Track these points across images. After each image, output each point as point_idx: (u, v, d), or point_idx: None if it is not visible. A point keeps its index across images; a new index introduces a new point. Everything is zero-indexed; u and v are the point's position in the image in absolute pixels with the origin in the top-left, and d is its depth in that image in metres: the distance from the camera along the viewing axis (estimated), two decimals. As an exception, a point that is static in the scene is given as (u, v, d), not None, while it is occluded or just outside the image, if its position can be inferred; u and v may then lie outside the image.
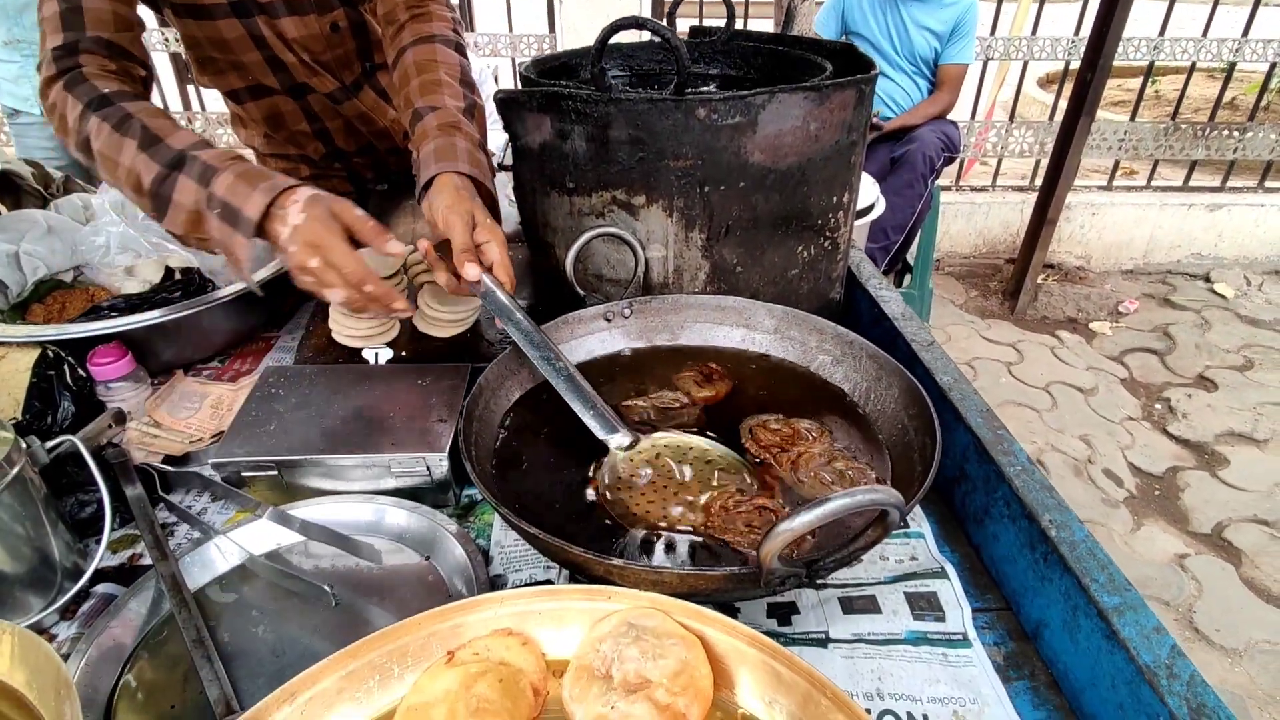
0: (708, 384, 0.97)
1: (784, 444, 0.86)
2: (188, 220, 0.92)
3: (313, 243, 0.84)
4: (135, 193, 0.95)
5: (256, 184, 0.87)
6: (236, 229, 0.87)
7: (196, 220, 0.91)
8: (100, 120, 0.95)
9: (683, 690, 0.55)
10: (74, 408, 0.99)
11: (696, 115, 0.91)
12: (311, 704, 0.56)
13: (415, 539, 0.86)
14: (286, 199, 0.87)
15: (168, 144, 0.93)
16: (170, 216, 0.92)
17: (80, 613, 0.80)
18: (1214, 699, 0.58)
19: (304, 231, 0.84)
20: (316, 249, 0.84)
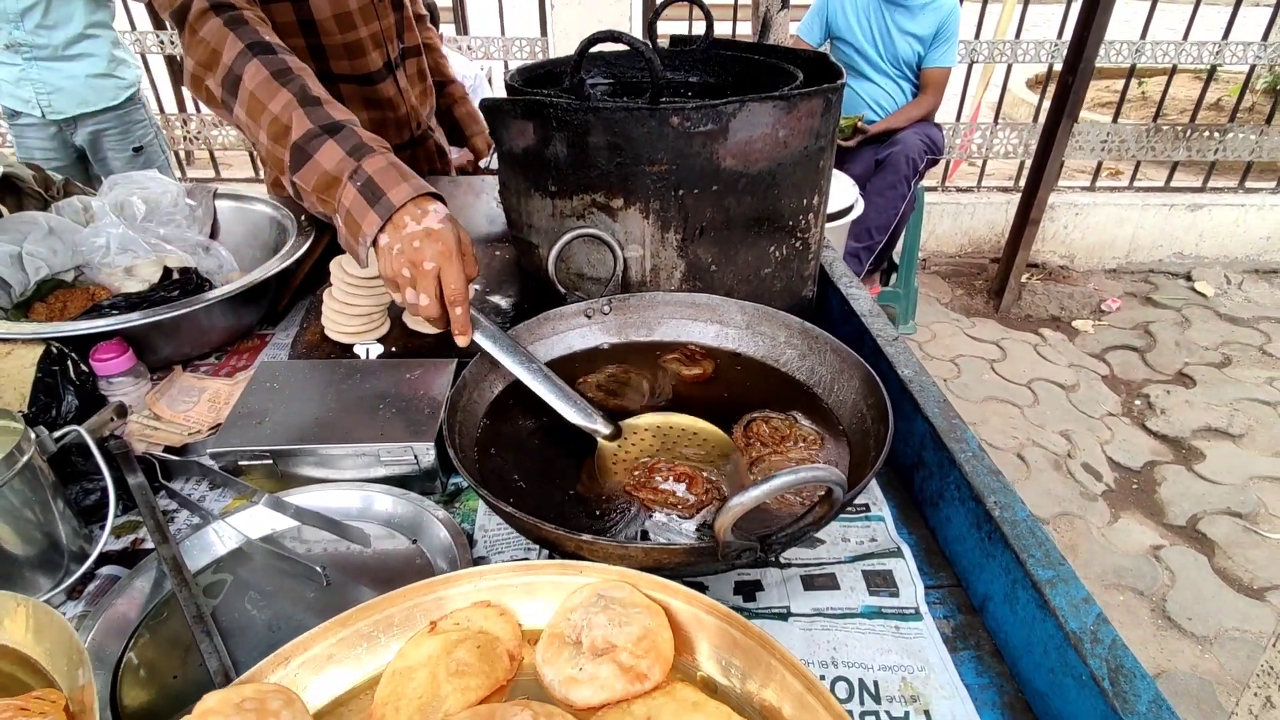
0: (693, 363, 1.04)
1: (774, 443, 0.91)
2: (321, 181, 0.96)
3: (440, 250, 0.90)
4: (273, 140, 1.00)
5: (408, 177, 0.93)
6: (373, 207, 0.92)
7: (329, 185, 0.96)
8: (261, 64, 1.01)
9: (645, 653, 0.61)
10: (77, 402, 1.03)
11: (670, 123, 0.96)
12: (303, 667, 0.61)
13: (403, 524, 0.91)
14: (429, 202, 0.93)
15: (326, 110, 0.99)
16: (305, 171, 0.97)
17: (86, 592, 0.84)
18: (1132, 660, 0.63)
19: (437, 236, 0.90)
20: (439, 257, 0.90)
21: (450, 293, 0.91)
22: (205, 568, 0.86)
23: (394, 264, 0.92)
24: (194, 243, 1.41)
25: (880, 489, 0.98)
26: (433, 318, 0.92)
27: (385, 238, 0.92)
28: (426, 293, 0.91)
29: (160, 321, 1.12)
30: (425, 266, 0.90)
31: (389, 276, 0.93)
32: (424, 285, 0.91)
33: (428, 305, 0.91)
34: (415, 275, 0.91)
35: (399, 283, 0.93)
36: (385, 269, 0.93)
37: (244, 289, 1.19)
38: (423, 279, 0.90)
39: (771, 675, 0.59)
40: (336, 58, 1.46)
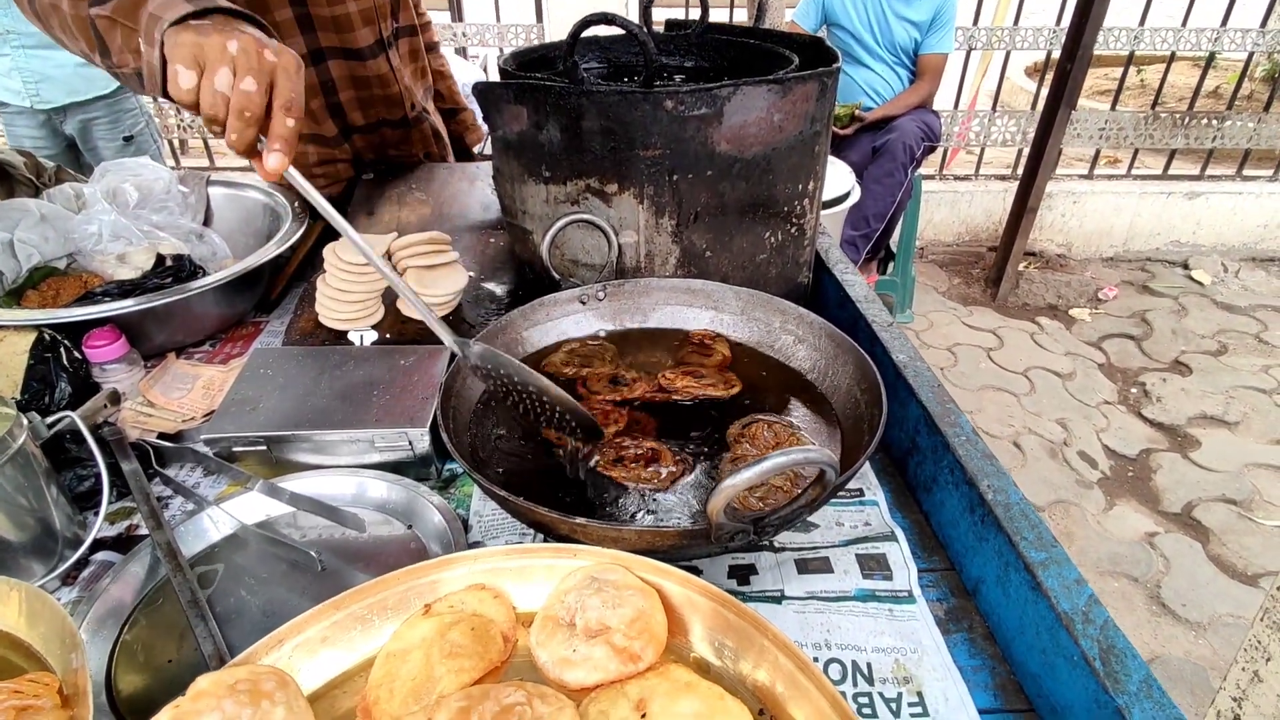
0: (705, 352, 1.03)
1: (767, 449, 0.90)
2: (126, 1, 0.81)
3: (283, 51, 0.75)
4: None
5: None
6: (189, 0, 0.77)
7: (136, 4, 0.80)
8: None
9: (638, 635, 0.61)
10: (70, 388, 1.03)
11: (664, 107, 0.96)
12: (298, 650, 0.61)
13: (398, 509, 0.91)
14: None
15: None
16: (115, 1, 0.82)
17: (80, 578, 0.84)
18: (1123, 641, 0.64)
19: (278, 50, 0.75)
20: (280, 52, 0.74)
21: (286, 95, 0.73)
22: (200, 553, 0.86)
23: (203, 38, 0.72)
24: (187, 230, 1.40)
25: (874, 474, 0.98)
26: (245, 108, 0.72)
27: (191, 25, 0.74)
28: (254, 76, 0.71)
29: (153, 308, 1.12)
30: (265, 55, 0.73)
31: (189, 54, 0.73)
32: (246, 63, 0.72)
33: (252, 93, 0.71)
34: (240, 52, 0.72)
35: (208, 58, 0.72)
36: (186, 41, 0.73)
37: (237, 276, 1.18)
38: (248, 59, 0.72)
39: (764, 656, 0.60)
40: (324, 29, 1.45)
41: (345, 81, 1.54)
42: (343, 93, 1.55)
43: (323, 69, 1.50)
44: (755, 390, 0.98)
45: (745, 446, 0.89)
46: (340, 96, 1.56)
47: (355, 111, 1.59)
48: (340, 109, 1.57)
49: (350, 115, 1.59)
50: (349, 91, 1.56)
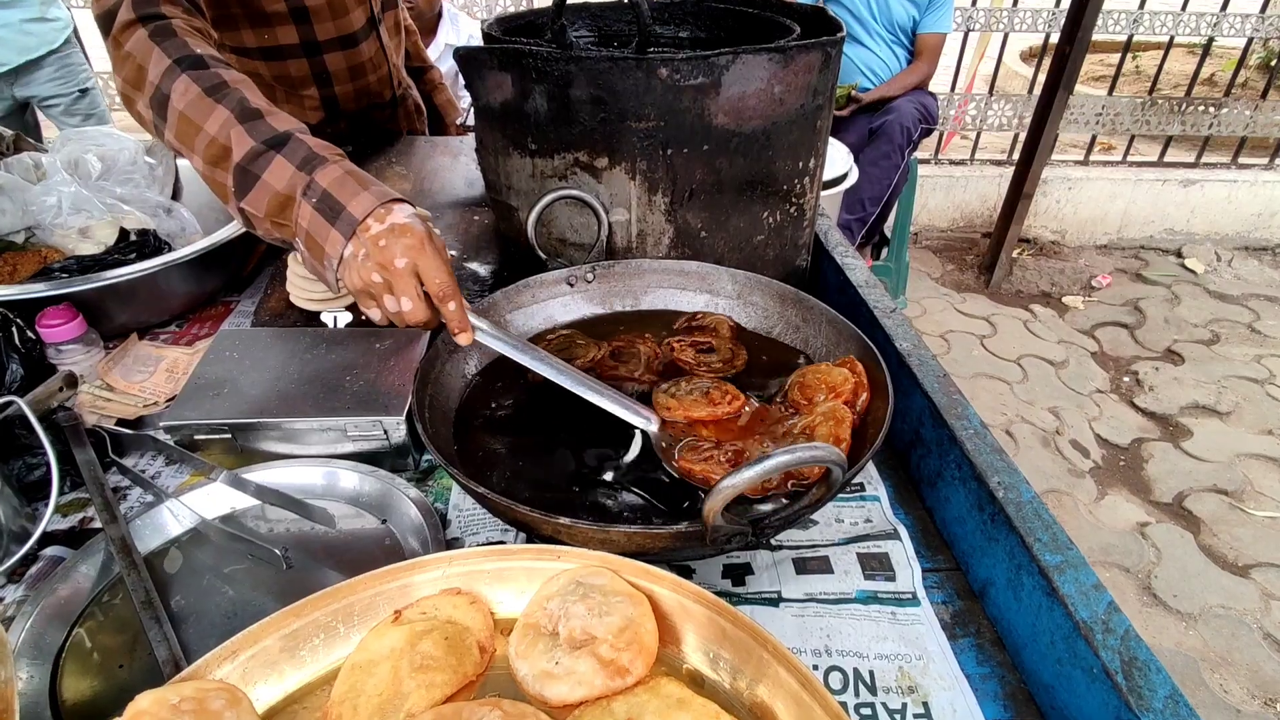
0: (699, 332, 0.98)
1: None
2: (273, 203, 0.86)
3: (410, 244, 0.79)
4: (212, 165, 0.89)
5: (367, 185, 0.83)
6: (334, 224, 0.82)
7: (283, 205, 0.85)
8: (190, 81, 0.89)
9: (627, 646, 0.56)
10: (22, 371, 0.97)
11: (658, 75, 0.90)
12: (253, 662, 0.56)
13: (372, 503, 0.86)
14: (394, 205, 0.83)
15: (269, 122, 0.87)
16: (254, 195, 0.86)
17: (27, 575, 0.79)
18: (1146, 653, 0.59)
19: (403, 230, 0.80)
20: (409, 251, 0.79)
21: (435, 287, 0.80)
22: (158, 549, 0.81)
23: (362, 274, 0.81)
24: (154, 203, 1.33)
25: (876, 467, 0.93)
26: (422, 321, 0.82)
27: (349, 249, 0.82)
28: (406, 294, 0.80)
29: (114, 286, 1.05)
30: (397, 264, 0.79)
31: (360, 290, 0.83)
32: (401, 286, 0.80)
33: (413, 309, 0.81)
34: (389, 278, 0.80)
35: (373, 293, 0.82)
36: (354, 282, 0.82)
37: (204, 252, 1.12)
38: (398, 279, 0.79)
39: (764, 670, 0.55)
40: (321, 19, 1.37)
41: (342, 75, 1.47)
42: (339, 85, 1.48)
43: (317, 62, 1.43)
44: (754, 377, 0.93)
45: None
46: (336, 89, 1.49)
47: (350, 102, 1.53)
48: (334, 101, 1.50)
49: (345, 106, 1.53)
50: (345, 85, 1.49)
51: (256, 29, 1.34)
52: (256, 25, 1.33)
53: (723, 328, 0.98)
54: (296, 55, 1.39)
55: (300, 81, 1.43)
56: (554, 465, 0.81)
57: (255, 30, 1.34)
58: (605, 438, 0.84)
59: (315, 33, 1.39)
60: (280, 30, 1.35)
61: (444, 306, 0.81)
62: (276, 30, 1.35)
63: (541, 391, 0.91)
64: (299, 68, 1.40)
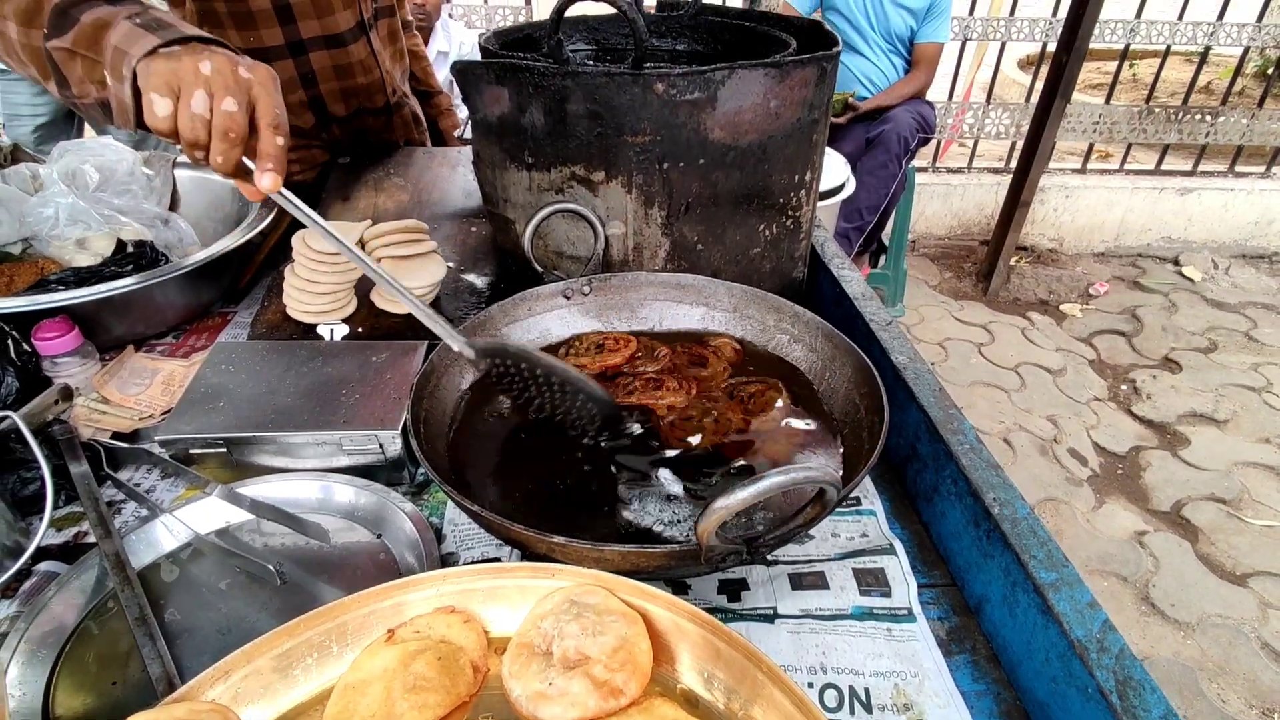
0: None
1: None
2: (84, 33, 0.76)
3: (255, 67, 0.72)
4: (24, 24, 0.80)
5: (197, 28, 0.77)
6: (154, 33, 0.73)
7: (97, 32, 0.76)
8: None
9: (621, 666, 0.56)
10: (18, 384, 0.96)
11: (655, 90, 0.90)
12: (246, 682, 0.55)
13: (367, 517, 0.85)
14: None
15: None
16: (68, 34, 0.77)
17: (21, 591, 0.78)
18: (1141, 672, 0.59)
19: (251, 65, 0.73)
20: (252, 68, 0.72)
21: (268, 112, 0.71)
22: (152, 564, 0.81)
23: (176, 64, 0.70)
24: (151, 215, 1.33)
25: (872, 482, 0.93)
26: (229, 130, 0.70)
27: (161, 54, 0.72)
28: (233, 95, 0.69)
29: (110, 298, 1.05)
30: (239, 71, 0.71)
31: (164, 80, 0.70)
32: (223, 84, 0.69)
33: (234, 113, 0.69)
34: (214, 76, 0.69)
35: (183, 83, 0.70)
36: (160, 71, 0.71)
37: (201, 264, 1.11)
38: (224, 79, 0.69)
39: (758, 691, 0.55)
40: (304, 16, 1.38)
41: (327, 73, 1.48)
42: (324, 84, 1.49)
43: (303, 61, 1.44)
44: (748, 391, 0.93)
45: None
46: (321, 89, 1.49)
47: (337, 104, 1.53)
48: (320, 101, 1.51)
49: (332, 107, 1.53)
50: (331, 83, 1.50)
51: (241, 30, 1.35)
52: (241, 26, 1.34)
53: (726, 349, 0.98)
54: (282, 56, 1.40)
55: (287, 84, 1.43)
56: (549, 481, 0.81)
57: (240, 31, 1.35)
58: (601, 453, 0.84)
59: (299, 31, 1.40)
60: (265, 31, 1.36)
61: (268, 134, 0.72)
62: (261, 31, 1.36)
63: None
64: (284, 69, 1.41)
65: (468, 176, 1.51)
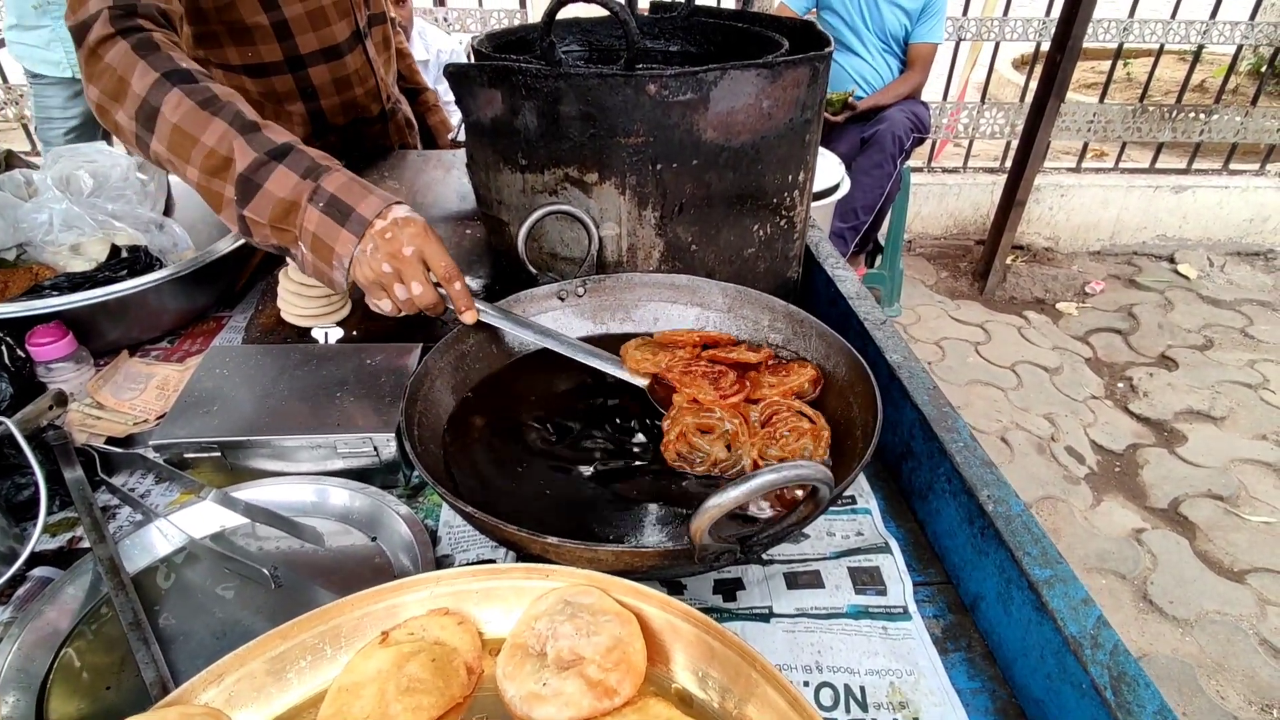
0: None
1: None
2: (277, 210, 0.90)
3: (415, 232, 0.88)
4: (210, 175, 0.93)
5: (371, 190, 0.91)
6: (344, 225, 0.89)
7: (287, 211, 0.90)
8: (183, 95, 0.93)
9: (615, 666, 0.56)
10: (12, 389, 0.96)
11: (647, 91, 0.90)
12: (239, 685, 0.55)
13: (362, 520, 0.85)
14: (394, 206, 0.91)
15: (267, 134, 0.93)
16: (257, 203, 0.91)
17: (15, 596, 0.78)
18: (1135, 668, 0.59)
19: (407, 222, 0.89)
20: (415, 239, 0.88)
21: (442, 270, 0.89)
22: (146, 569, 0.80)
23: (372, 266, 0.88)
24: (146, 220, 1.33)
25: (867, 480, 0.93)
26: (431, 304, 0.90)
27: (359, 246, 0.89)
28: (416, 279, 0.88)
29: (104, 302, 1.05)
30: (405, 252, 0.87)
31: (371, 282, 0.90)
32: (410, 273, 0.88)
33: (422, 292, 0.89)
34: (398, 267, 0.88)
35: (384, 283, 0.89)
36: (365, 276, 0.90)
37: (195, 268, 1.11)
38: (407, 267, 0.88)
39: (753, 689, 0.55)
40: (301, 31, 1.38)
41: (327, 88, 1.48)
42: (325, 99, 1.49)
43: (302, 76, 1.44)
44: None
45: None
46: (323, 103, 1.50)
47: (337, 115, 1.54)
48: (321, 114, 1.51)
49: (331, 119, 1.53)
50: (331, 98, 1.50)
51: (240, 46, 1.34)
52: (239, 42, 1.34)
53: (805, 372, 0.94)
54: (281, 71, 1.40)
55: (286, 96, 1.43)
56: (543, 484, 0.81)
57: (239, 47, 1.35)
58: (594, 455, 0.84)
59: (298, 46, 1.39)
60: (264, 47, 1.36)
61: (450, 287, 0.90)
62: (260, 47, 1.35)
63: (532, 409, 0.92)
64: (284, 83, 1.41)
65: (461, 179, 1.51)
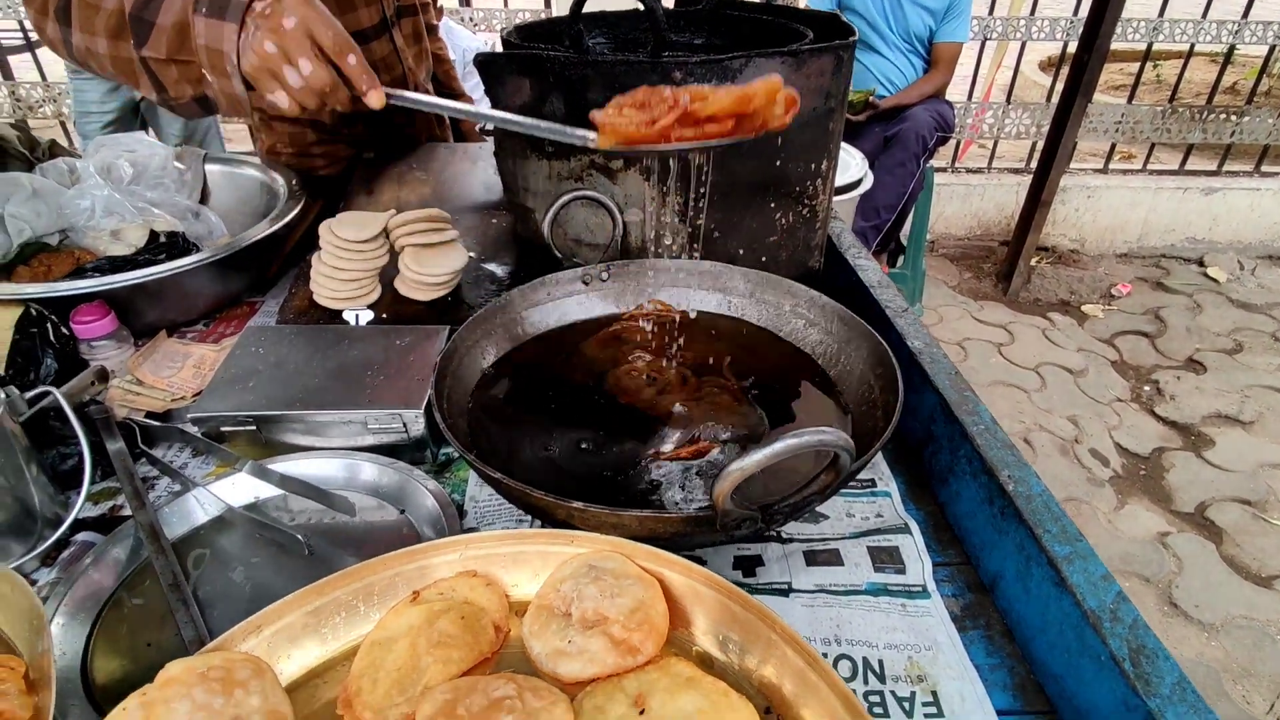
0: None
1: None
2: (171, 39, 0.85)
3: (296, 4, 0.79)
4: (114, 37, 0.89)
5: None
6: (224, 19, 0.81)
7: (182, 35, 0.84)
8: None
9: (638, 626, 0.57)
10: (56, 365, 1.00)
11: (673, 78, 0.92)
12: (277, 636, 0.58)
13: (391, 494, 0.88)
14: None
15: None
16: (153, 40, 0.86)
17: (60, 559, 0.81)
18: (1154, 641, 0.60)
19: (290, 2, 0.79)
20: (297, 9, 0.78)
21: (329, 40, 0.79)
22: (184, 536, 0.83)
23: (255, 49, 0.80)
24: (183, 207, 1.37)
25: (887, 465, 0.94)
26: (326, 85, 0.81)
27: (243, 36, 0.80)
28: (303, 55, 0.78)
29: (144, 284, 1.09)
30: (286, 25, 0.78)
31: (258, 70, 0.81)
32: (295, 48, 0.78)
33: (312, 71, 0.79)
34: (281, 43, 0.78)
35: (272, 68, 0.80)
36: (251, 65, 0.81)
37: (230, 253, 1.15)
38: (291, 42, 0.78)
39: (771, 650, 0.56)
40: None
41: None
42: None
43: None
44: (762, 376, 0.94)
45: None
46: None
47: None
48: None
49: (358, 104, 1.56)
50: None
51: None
52: None
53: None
54: None
55: None
56: (568, 459, 0.83)
57: None
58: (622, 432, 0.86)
59: None
60: None
61: (343, 61, 0.81)
62: None
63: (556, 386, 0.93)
64: None
65: (488, 171, 1.54)
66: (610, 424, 0.88)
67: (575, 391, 0.93)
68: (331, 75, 0.81)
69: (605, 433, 0.86)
